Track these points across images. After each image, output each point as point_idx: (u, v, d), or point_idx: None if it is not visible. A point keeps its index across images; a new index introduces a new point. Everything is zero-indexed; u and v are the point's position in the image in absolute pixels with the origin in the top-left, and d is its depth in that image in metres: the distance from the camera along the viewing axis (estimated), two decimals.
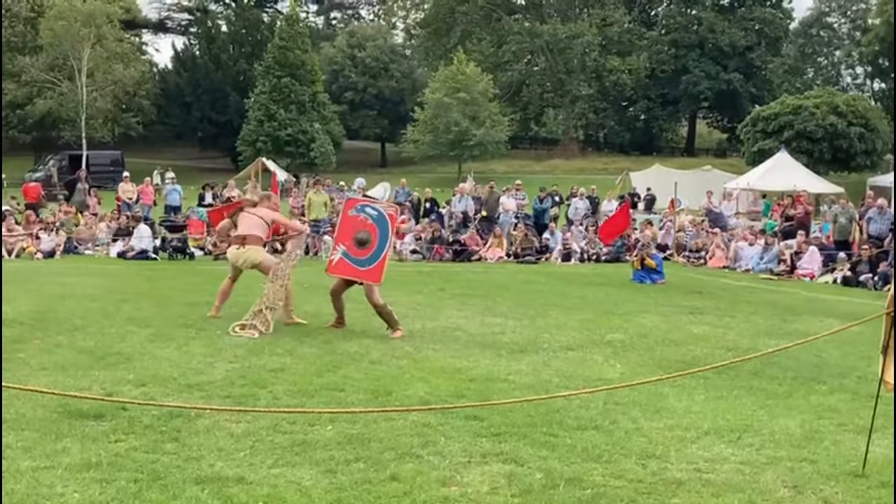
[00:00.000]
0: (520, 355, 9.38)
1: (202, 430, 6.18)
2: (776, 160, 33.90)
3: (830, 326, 10.68)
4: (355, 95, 66.76)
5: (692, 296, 15.97)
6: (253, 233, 11.10)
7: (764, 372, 8.72)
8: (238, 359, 8.63)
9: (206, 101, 64.02)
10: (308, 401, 7.12)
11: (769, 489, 5.35)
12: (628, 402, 7.27)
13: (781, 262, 21.18)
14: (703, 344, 10.52)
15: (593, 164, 61.94)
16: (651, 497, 5.15)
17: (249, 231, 11.13)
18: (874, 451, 5.92)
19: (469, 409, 6.71)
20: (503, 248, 23.56)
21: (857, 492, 5.35)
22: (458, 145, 56.53)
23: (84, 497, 4.86)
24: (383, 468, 5.48)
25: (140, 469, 5.32)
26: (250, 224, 11.20)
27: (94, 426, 6.16)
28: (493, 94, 59.68)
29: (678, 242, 24.60)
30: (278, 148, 55.87)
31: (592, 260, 23.38)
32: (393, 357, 9.02)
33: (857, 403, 7.46)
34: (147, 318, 11.06)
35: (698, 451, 6.08)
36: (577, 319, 12.24)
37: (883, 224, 20.93)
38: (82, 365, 8.11)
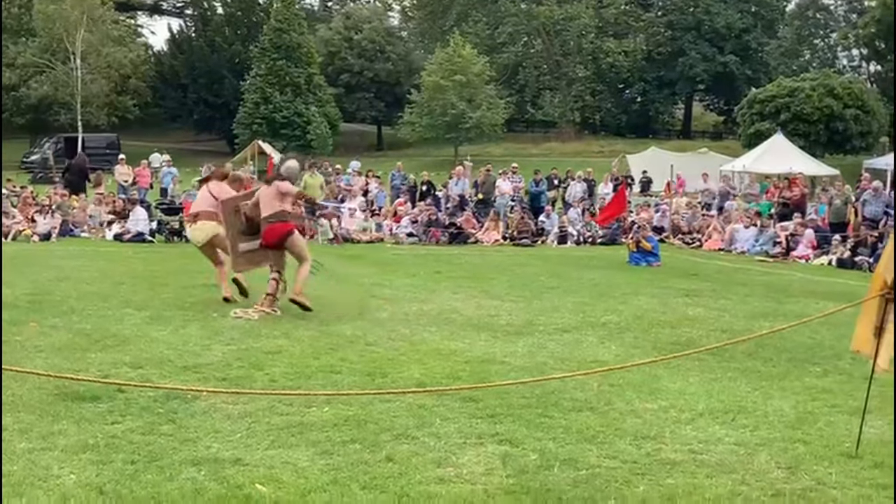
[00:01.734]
0: (515, 337, 9.41)
1: (199, 411, 6.21)
2: (772, 143, 33.86)
3: (825, 308, 10.73)
4: (351, 78, 66.45)
5: (687, 278, 16.00)
6: (203, 209, 11.09)
7: (758, 353, 8.75)
8: (234, 341, 8.65)
9: (202, 84, 63.74)
10: (304, 383, 7.15)
11: (763, 470, 5.38)
12: (623, 384, 7.30)
13: (777, 245, 21.21)
14: (698, 326, 10.56)
15: (590, 147, 61.79)
16: (645, 478, 5.18)
17: (199, 207, 11.14)
18: (867, 432, 5.95)
19: (465, 391, 6.74)
20: (499, 231, 23.56)
21: (851, 472, 5.39)
22: (454, 128, 56.37)
23: (80, 478, 4.88)
24: (379, 449, 5.50)
25: (136, 451, 5.35)
26: (201, 200, 11.21)
27: (91, 408, 6.18)
28: (490, 76, 59.46)
29: (674, 224, 24.63)
30: (274, 131, 55.68)
31: (588, 242, 23.39)
32: (389, 339, 9.05)
33: (850, 385, 7.49)
34: (143, 301, 11.07)
35: (692, 432, 6.11)
36: (572, 302, 12.27)
37: (878, 206, 20.96)
38: (79, 347, 8.13)
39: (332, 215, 22.66)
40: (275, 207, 10.38)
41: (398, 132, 62.99)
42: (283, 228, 10.38)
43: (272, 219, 10.36)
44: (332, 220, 22.45)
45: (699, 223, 24.33)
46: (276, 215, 10.37)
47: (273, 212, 10.37)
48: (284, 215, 10.43)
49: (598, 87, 69.12)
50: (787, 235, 21.29)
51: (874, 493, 5.06)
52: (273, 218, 10.36)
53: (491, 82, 59.53)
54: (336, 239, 21.75)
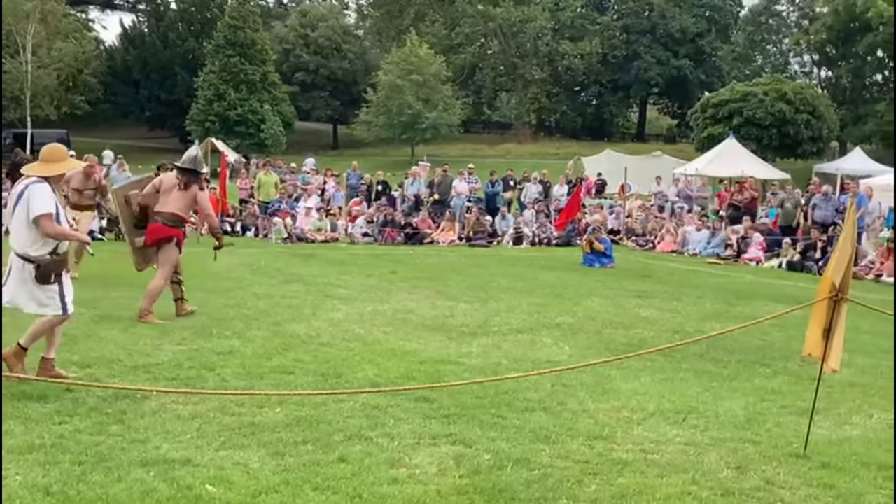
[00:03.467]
0: (470, 338, 9.41)
1: (148, 412, 6.13)
2: (724, 146, 34.26)
3: (775, 310, 10.86)
4: (307, 76, 66.16)
5: (640, 280, 16.14)
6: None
7: (709, 355, 8.85)
8: (185, 341, 8.55)
9: (155, 80, 63.05)
10: (257, 383, 7.09)
11: (713, 469, 5.44)
12: (576, 384, 7.34)
13: (728, 247, 21.47)
14: (650, 327, 10.65)
15: (545, 149, 62.11)
16: (597, 477, 5.21)
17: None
18: (815, 432, 6.04)
19: (419, 391, 6.73)
20: (455, 231, 23.58)
21: (799, 472, 5.46)
22: (410, 128, 56.36)
23: (26, 480, 4.79)
24: (332, 450, 5.47)
25: (84, 451, 5.26)
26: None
27: (38, 408, 6.08)
28: (447, 76, 59.56)
29: (627, 226, 24.84)
30: (228, 128, 55.25)
31: (543, 244, 23.49)
32: (343, 340, 9.01)
33: (799, 386, 7.61)
34: (92, 300, 10.88)
35: (644, 432, 6.16)
36: (527, 302, 12.31)
37: (828, 210, 21.28)
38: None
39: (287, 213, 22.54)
40: (175, 209, 9.76)
41: (354, 131, 62.85)
42: (168, 233, 9.75)
43: (162, 218, 9.77)
44: (287, 218, 22.32)
45: (652, 225, 24.57)
46: (171, 217, 9.77)
47: (169, 211, 9.76)
48: (177, 221, 9.82)
49: (554, 89, 69.57)
50: (738, 238, 21.56)
51: (821, 493, 5.13)
52: (163, 218, 9.77)
53: (447, 83, 59.60)
54: (290, 238, 21.62)
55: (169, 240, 9.79)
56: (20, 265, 6.78)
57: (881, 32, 48.95)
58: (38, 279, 6.78)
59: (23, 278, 6.79)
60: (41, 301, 6.84)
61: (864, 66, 55.04)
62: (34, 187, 6.80)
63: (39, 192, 6.77)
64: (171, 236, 9.77)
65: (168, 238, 9.78)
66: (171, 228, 9.80)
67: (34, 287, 6.78)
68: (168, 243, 9.80)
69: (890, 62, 53.56)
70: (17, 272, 6.80)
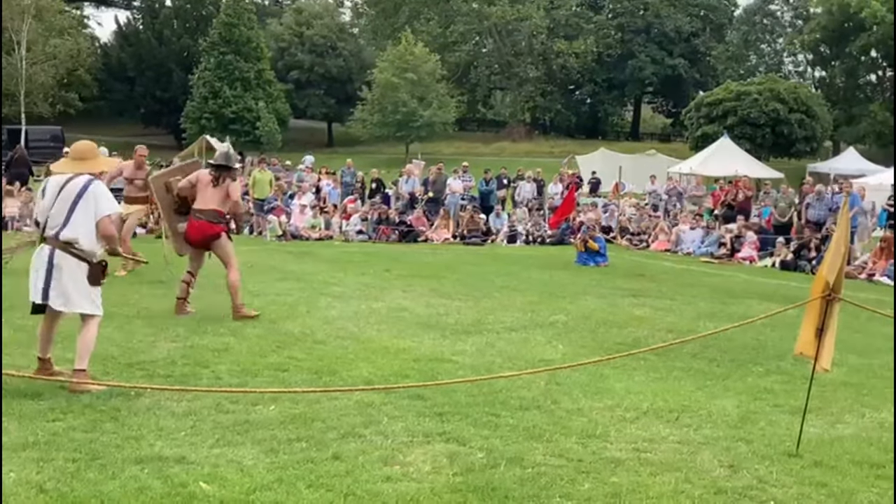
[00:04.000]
0: (464, 336, 9.43)
1: (142, 409, 6.13)
2: (719, 146, 34.35)
3: (769, 310, 10.90)
4: (302, 74, 66.06)
5: (634, 278, 16.16)
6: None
7: (703, 354, 8.87)
8: (180, 338, 8.55)
9: (150, 77, 62.92)
10: (251, 381, 7.09)
11: (706, 468, 5.46)
12: (570, 383, 7.36)
13: (722, 246, 21.52)
14: (644, 326, 10.67)
15: (540, 148, 62.16)
16: (590, 476, 5.22)
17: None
18: (808, 431, 6.07)
19: (412, 389, 6.74)
20: (449, 229, 23.60)
21: (791, 471, 5.48)
22: (405, 126, 56.32)
23: (20, 476, 4.79)
24: (326, 447, 5.48)
25: (78, 448, 5.26)
26: None
27: (32, 405, 6.08)
28: (441, 75, 59.52)
29: (621, 225, 24.87)
30: (223, 126, 55.10)
31: (537, 242, 23.53)
32: (337, 337, 9.02)
33: (792, 385, 7.63)
34: None
35: (637, 430, 6.18)
36: (521, 301, 12.33)
37: (821, 210, 21.33)
38: (20, 343, 7.97)
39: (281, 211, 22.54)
40: (214, 205, 9.87)
41: (349, 129, 62.78)
42: (213, 230, 9.89)
43: (204, 216, 9.87)
44: (281, 216, 22.32)
45: (646, 224, 24.60)
46: (212, 214, 9.86)
47: (210, 209, 9.87)
48: (219, 217, 9.95)
49: (549, 87, 69.55)
50: (732, 237, 21.60)
51: (813, 492, 5.15)
52: (205, 216, 9.87)
53: (442, 81, 59.56)
54: (285, 235, 21.62)
55: (217, 236, 9.96)
56: (74, 264, 6.64)
57: (875, 32, 49.04)
58: (91, 279, 6.71)
59: (76, 278, 6.66)
60: (93, 300, 6.77)
61: (858, 66, 55.12)
62: (99, 185, 6.74)
63: (105, 190, 6.76)
64: (217, 233, 9.95)
65: (216, 235, 9.95)
66: (214, 225, 9.95)
67: (86, 286, 6.70)
68: (217, 240, 9.98)
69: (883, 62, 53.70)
70: (70, 272, 6.62)
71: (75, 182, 6.70)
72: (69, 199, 6.65)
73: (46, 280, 6.60)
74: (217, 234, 9.92)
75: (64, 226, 6.62)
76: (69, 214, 6.63)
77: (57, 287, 6.62)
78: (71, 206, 6.64)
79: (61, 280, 6.62)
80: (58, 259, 6.62)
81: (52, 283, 6.61)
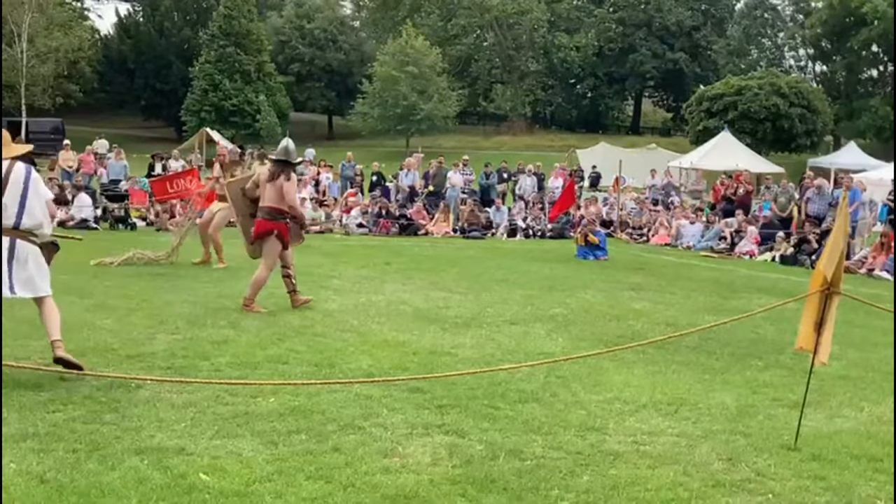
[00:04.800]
0: (464, 329, 9.43)
1: (142, 400, 6.14)
2: (719, 140, 34.34)
3: (768, 304, 10.90)
4: (302, 67, 66.06)
5: (634, 272, 16.16)
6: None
7: (702, 347, 8.88)
8: (180, 330, 8.56)
9: (150, 70, 62.94)
10: (251, 373, 7.10)
11: (704, 461, 5.47)
12: (569, 376, 7.37)
13: (722, 241, 21.52)
14: (644, 319, 10.68)
15: (540, 142, 62.18)
16: (589, 468, 5.24)
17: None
18: (806, 425, 6.08)
19: (412, 382, 6.75)
20: (449, 223, 23.61)
21: (790, 464, 5.49)
22: (405, 119, 56.34)
23: (21, 467, 4.80)
24: (325, 439, 5.49)
25: (78, 439, 5.27)
26: None
27: (32, 396, 6.09)
28: (442, 68, 59.50)
29: (622, 219, 24.88)
30: (223, 118, 55.17)
31: (537, 236, 23.54)
32: (337, 330, 9.02)
33: (791, 379, 7.64)
34: (87, 289, 10.91)
35: (636, 423, 6.19)
36: (520, 294, 12.33)
37: (821, 205, 21.33)
38: (20, 335, 7.97)
39: None
40: (271, 202, 10.02)
41: (349, 122, 62.78)
42: (268, 227, 10.03)
43: (263, 213, 10.08)
44: None
45: (646, 218, 24.61)
46: (269, 211, 10.02)
47: (267, 206, 10.04)
48: (276, 214, 10.05)
49: (550, 81, 69.55)
50: (732, 232, 21.60)
51: (812, 485, 5.16)
52: (264, 213, 10.07)
53: (443, 74, 59.54)
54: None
55: (269, 233, 10.02)
56: (36, 250, 6.66)
57: (876, 27, 49.03)
58: (48, 261, 6.78)
59: (39, 262, 6.68)
60: (48, 281, 6.79)
61: (859, 60, 55.14)
62: (34, 170, 6.78)
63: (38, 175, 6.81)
64: (271, 230, 10.01)
65: (269, 231, 10.02)
66: (270, 222, 10.03)
67: (46, 269, 6.75)
68: (269, 236, 10.04)
69: (884, 57, 53.63)
70: (34, 258, 6.63)
71: (15, 170, 6.63)
72: (18, 187, 6.59)
73: (9, 273, 6.55)
74: (270, 230, 10.02)
75: (21, 215, 6.57)
76: (23, 202, 6.59)
77: (21, 276, 6.60)
78: (22, 193, 6.59)
79: (27, 268, 6.61)
80: (19, 249, 6.57)
81: (16, 274, 6.57)
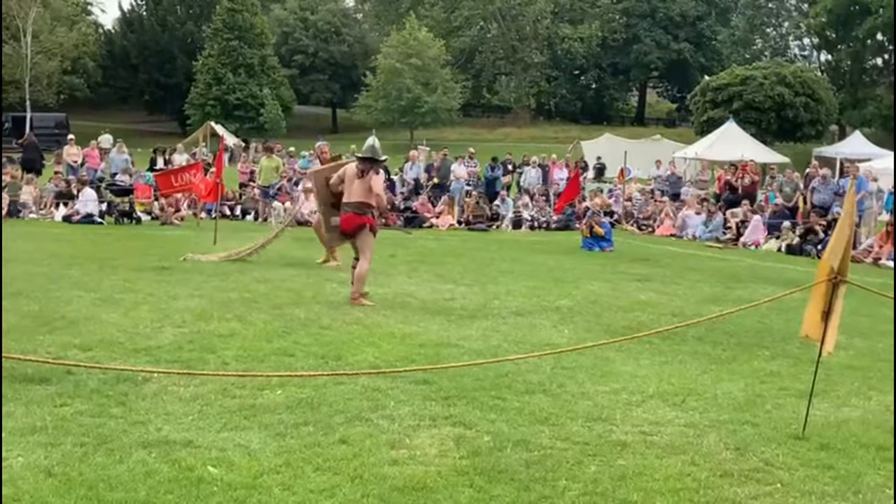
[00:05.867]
0: (470, 321, 9.43)
1: (149, 394, 6.15)
2: (724, 130, 34.26)
3: (774, 294, 10.88)
4: (306, 59, 66.03)
5: (639, 263, 16.14)
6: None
7: (708, 337, 8.86)
8: (186, 324, 8.57)
9: (153, 64, 62.93)
10: (258, 366, 7.10)
11: (712, 451, 5.46)
12: (575, 367, 7.36)
13: (727, 231, 21.47)
14: (650, 310, 10.67)
15: (545, 133, 62.10)
16: (597, 459, 5.23)
17: None
18: (814, 414, 6.06)
19: (419, 374, 6.75)
20: (454, 215, 23.58)
21: (797, 454, 5.48)
22: (410, 112, 56.31)
23: (28, 461, 4.81)
24: (332, 432, 5.49)
25: (86, 433, 5.28)
26: None
27: (40, 390, 6.09)
28: (446, 60, 59.42)
29: (627, 210, 24.84)
30: (227, 112, 55.18)
31: (542, 227, 23.51)
32: (343, 322, 9.02)
33: (798, 368, 7.63)
34: (93, 283, 10.92)
35: (643, 413, 6.18)
36: (526, 286, 12.32)
37: (826, 194, 21.26)
38: (27, 329, 8.00)
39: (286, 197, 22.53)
40: (359, 197, 10.24)
41: (353, 115, 62.76)
42: (360, 221, 10.28)
43: (351, 208, 10.29)
44: (286, 202, 22.32)
45: (651, 209, 24.56)
46: (358, 206, 10.25)
47: (356, 200, 10.26)
48: (364, 208, 10.29)
49: (554, 72, 69.45)
50: (738, 222, 21.56)
51: (820, 474, 5.16)
52: (352, 207, 10.28)
53: (447, 66, 59.47)
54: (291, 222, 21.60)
55: (362, 227, 10.29)
56: None
57: (881, 16, 48.85)
58: None
59: None
60: None
61: (864, 49, 54.94)
62: None
63: None
64: (363, 223, 10.29)
65: (361, 225, 10.29)
66: (360, 216, 10.29)
67: None
68: (362, 230, 10.31)
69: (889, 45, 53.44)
70: None
71: None
72: None
73: None
74: (363, 224, 10.30)
75: None
76: None
77: None
78: None
79: None
80: None
81: None
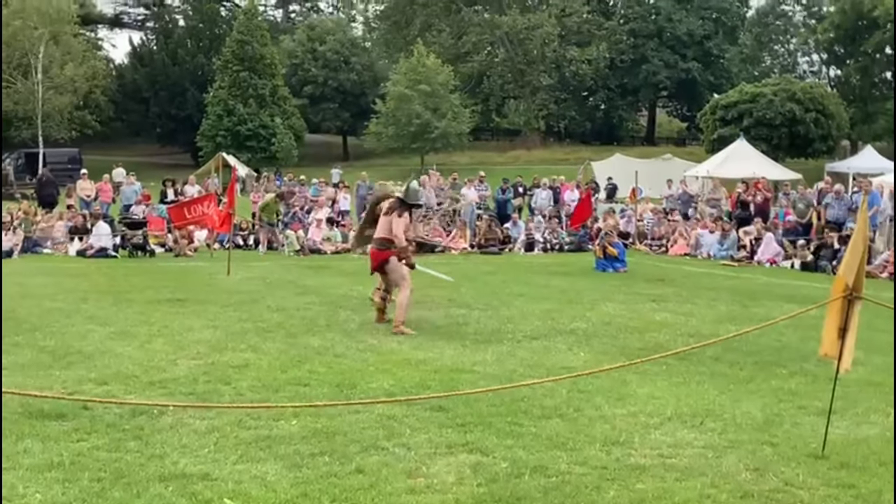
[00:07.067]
0: (484, 345, 9.41)
1: (165, 427, 6.14)
2: (735, 148, 34.16)
3: (790, 311, 10.82)
4: (315, 89, 66.33)
5: (654, 283, 16.09)
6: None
7: (725, 357, 8.81)
8: (201, 356, 8.57)
9: (165, 97, 63.33)
10: (272, 396, 7.09)
11: (731, 472, 5.42)
12: (592, 390, 7.32)
13: (741, 249, 21.40)
14: (665, 330, 10.62)
15: (555, 155, 62.10)
16: (615, 483, 5.19)
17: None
18: (833, 432, 6.01)
19: (434, 400, 6.72)
20: (466, 239, 23.60)
21: (818, 473, 5.43)
22: (420, 137, 56.44)
23: (46, 497, 4.81)
24: (349, 461, 5.47)
25: (103, 468, 5.27)
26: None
27: (56, 426, 6.10)
28: (454, 85, 59.61)
29: (640, 230, 24.79)
30: (239, 143, 55.41)
31: (555, 249, 23.48)
32: (357, 350, 9.02)
33: (816, 386, 7.57)
34: (108, 317, 10.96)
35: (661, 436, 6.14)
36: (540, 309, 12.29)
37: (840, 210, 21.19)
38: (43, 364, 8.02)
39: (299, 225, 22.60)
40: (382, 233, 10.55)
41: (364, 142, 62.97)
42: (381, 256, 10.56)
43: (375, 243, 10.65)
44: (299, 230, 22.39)
45: (664, 229, 24.51)
46: (380, 241, 10.56)
47: (379, 236, 10.59)
48: (386, 244, 10.50)
49: (562, 95, 69.58)
50: (752, 239, 21.48)
51: (841, 493, 5.11)
52: (376, 243, 10.63)
53: (456, 91, 59.66)
54: (303, 250, 21.67)
55: (386, 262, 10.56)
56: None
57: (889, 30, 48.80)
58: None
59: None
60: None
61: (873, 63, 54.87)
62: None
63: None
64: (385, 258, 10.55)
65: (385, 260, 10.56)
66: (381, 251, 10.58)
67: None
68: (388, 264, 10.57)
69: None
70: None
71: None
72: None
73: None
74: (385, 259, 10.53)
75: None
76: None
77: None
78: None
79: None
80: None
81: None
